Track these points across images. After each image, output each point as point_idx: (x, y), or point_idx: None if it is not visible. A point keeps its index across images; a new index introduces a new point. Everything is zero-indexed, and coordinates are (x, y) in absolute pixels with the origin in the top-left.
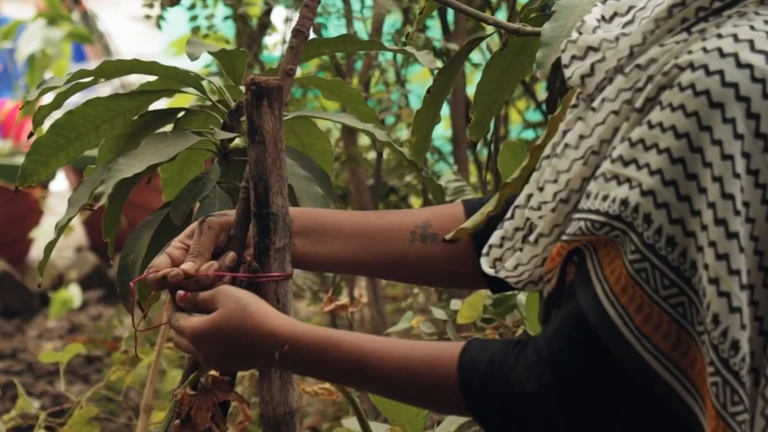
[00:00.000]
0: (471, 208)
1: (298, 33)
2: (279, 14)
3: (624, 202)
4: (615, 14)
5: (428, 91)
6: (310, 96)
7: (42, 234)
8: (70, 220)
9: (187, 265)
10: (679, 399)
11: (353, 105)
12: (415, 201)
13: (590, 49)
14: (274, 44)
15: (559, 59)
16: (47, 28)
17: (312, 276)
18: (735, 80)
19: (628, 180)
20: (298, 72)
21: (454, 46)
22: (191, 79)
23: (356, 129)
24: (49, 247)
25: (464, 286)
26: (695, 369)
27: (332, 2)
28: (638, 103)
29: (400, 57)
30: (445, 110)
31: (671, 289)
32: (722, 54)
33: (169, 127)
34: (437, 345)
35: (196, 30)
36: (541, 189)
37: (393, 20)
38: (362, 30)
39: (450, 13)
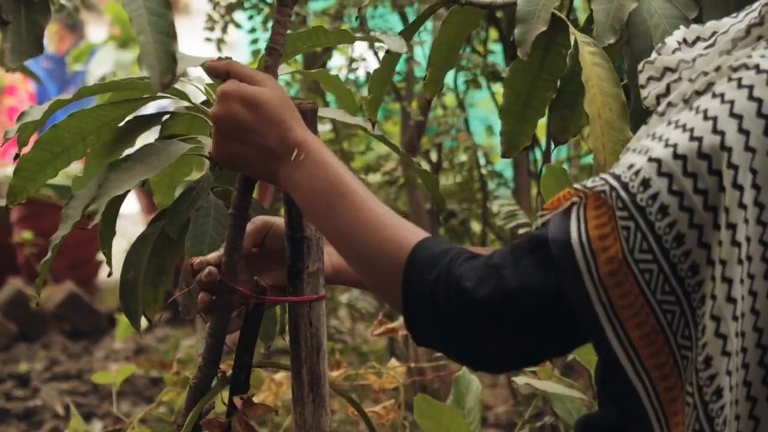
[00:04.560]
0: None
1: (272, 51)
2: None
3: (636, 170)
4: (698, 38)
5: (387, 52)
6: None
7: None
8: (64, 237)
9: (212, 256)
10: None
11: (341, 96)
12: (475, 225)
13: (667, 69)
14: (339, 67)
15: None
16: (118, 51)
17: (370, 299)
18: (762, 97)
19: (647, 150)
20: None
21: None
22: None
23: (345, 123)
24: (45, 264)
25: None
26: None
27: (392, 25)
28: (687, 95)
29: (460, 81)
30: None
31: (669, 296)
32: (759, 70)
33: (155, 130)
34: (408, 224)
35: (256, 53)
36: None
37: None
38: (420, 54)
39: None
